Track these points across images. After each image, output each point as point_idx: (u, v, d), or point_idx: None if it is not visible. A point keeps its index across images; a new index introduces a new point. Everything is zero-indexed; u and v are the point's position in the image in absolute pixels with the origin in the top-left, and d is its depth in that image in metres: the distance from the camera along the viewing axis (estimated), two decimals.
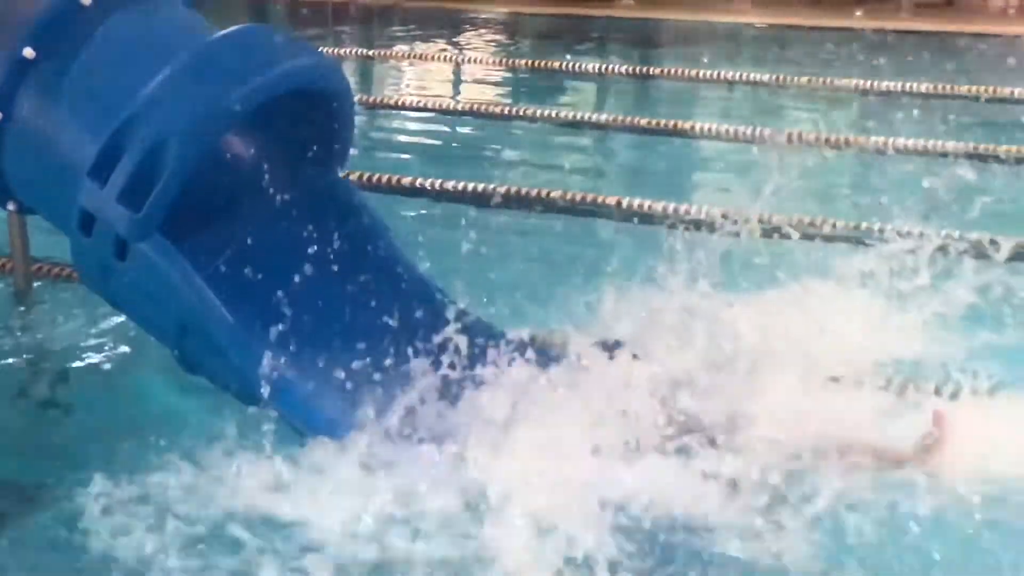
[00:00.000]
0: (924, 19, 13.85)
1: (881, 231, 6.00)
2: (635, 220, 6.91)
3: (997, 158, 8.09)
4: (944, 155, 8.04)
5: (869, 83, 10.37)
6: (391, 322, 4.58)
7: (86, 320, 5.38)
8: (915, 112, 8.97)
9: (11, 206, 4.91)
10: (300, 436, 4.23)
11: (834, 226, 6.56)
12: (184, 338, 4.32)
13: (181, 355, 4.39)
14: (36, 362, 5.16)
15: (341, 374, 4.50)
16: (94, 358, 5.11)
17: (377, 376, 4.50)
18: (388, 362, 4.52)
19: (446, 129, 10.07)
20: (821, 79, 10.53)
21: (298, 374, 4.35)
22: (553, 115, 9.70)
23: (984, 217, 5.30)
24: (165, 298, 4.25)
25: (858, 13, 13.32)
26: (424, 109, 10.41)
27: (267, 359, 4.26)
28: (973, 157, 7.94)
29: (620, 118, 9.63)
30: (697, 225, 5.55)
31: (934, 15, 14.07)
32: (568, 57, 12.35)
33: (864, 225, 6.50)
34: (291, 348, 4.48)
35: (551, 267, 6.21)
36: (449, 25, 14.84)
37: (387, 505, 3.88)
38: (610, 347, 4.38)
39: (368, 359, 4.50)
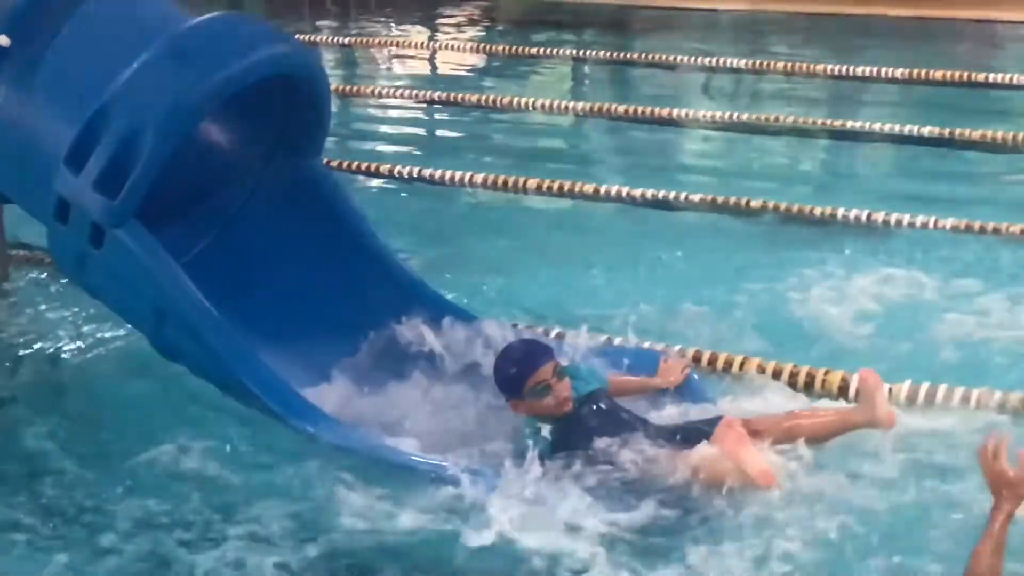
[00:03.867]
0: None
1: None
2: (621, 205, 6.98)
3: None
4: None
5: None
6: (366, 307, 4.62)
7: (63, 307, 5.39)
8: None
9: None
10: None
11: None
12: (161, 325, 4.32)
13: (158, 342, 4.40)
14: (13, 348, 5.16)
15: (316, 358, 4.53)
16: (71, 345, 5.11)
17: (351, 360, 4.54)
18: (363, 346, 4.57)
19: (423, 116, 10.08)
20: None
21: (274, 359, 4.36)
22: (532, 102, 9.71)
23: None
24: (142, 285, 4.25)
25: None
26: (401, 96, 10.41)
27: (244, 344, 4.28)
28: None
29: (598, 105, 9.64)
30: None
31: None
32: (545, 42, 12.37)
33: None
34: (268, 333, 4.51)
35: (529, 251, 6.25)
36: (426, 11, 14.82)
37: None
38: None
39: (342, 344, 4.54)
